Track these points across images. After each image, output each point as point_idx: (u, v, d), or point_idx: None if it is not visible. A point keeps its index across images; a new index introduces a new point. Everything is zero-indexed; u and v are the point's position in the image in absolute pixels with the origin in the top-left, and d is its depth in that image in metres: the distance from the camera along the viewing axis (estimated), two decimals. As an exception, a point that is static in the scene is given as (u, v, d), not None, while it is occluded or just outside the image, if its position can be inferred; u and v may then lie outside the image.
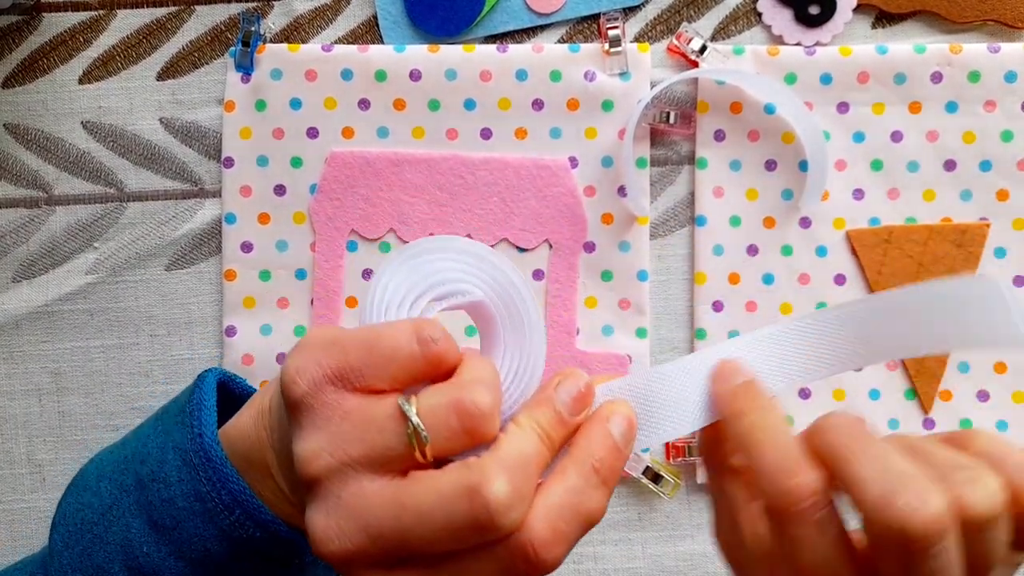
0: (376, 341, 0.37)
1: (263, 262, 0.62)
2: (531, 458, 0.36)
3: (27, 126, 0.62)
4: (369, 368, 0.36)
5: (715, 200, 0.61)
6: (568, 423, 0.38)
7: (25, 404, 0.63)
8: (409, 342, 0.36)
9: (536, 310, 0.39)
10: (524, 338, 0.39)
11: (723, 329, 0.62)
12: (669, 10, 0.61)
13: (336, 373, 0.36)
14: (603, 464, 0.37)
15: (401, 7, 0.61)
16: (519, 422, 0.37)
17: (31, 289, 0.62)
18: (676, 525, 0.62)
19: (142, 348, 0.62)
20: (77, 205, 0.62)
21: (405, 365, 0.36)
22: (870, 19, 0.61)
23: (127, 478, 0.44)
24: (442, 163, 0.61)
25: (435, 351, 0.36)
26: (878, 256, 0.61)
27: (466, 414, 0.35)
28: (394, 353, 0.36)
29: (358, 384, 0.36)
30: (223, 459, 0.42)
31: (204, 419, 0.44)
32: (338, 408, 0.36)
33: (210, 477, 0.42)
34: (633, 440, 0.38)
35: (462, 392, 0.36)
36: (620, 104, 0.61)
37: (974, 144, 0.61)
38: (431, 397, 0.36)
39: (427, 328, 0.37)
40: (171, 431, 0.44)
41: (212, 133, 0.62)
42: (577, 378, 0.38)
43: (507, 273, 0.39)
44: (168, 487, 0.43)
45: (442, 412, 0.35)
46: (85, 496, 0.45)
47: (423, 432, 0.35)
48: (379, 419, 0.36)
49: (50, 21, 0.62)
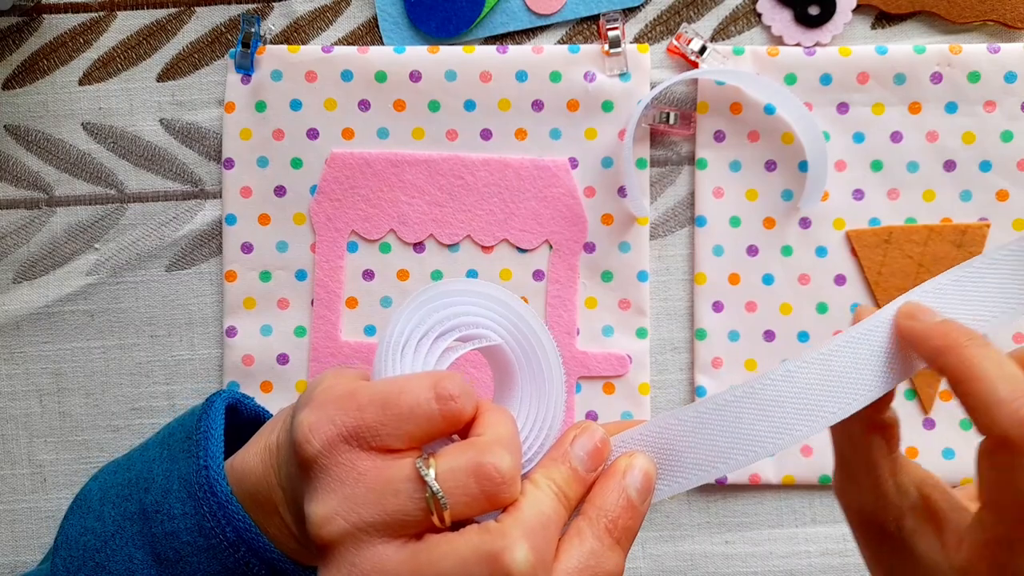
0: (393, 398, 0.35)
1: (263, 263, 0.62)
2: (550, 520, 0.35)
3: (28, 127, 0.62)
4: (385, 427, 0.35)
5: (715, 200, 0.61)
6: (584, 479, 0.37)
7: (26, 405, 0.63)
8: (428, 400, 0.35)
9: (556, 357, 0.38)
10: (543, 386, 0.38)
11: (723, 329, 0.62)
12: (669, 11, 0.61)
13: (351, 432, 0.35)
14: (617, 524, 0.36)
15: (401, 8, 0.61)
16: (536, 481, 0.36)
17: (32, 290, 0.62)
18: (676, 525, 0.62)
19: (142, 349, 0.62)
20: (78, 206, 0.62)
21: (422, 423, 0.35)
22: (870, 20, 0.61)
23: (131, 505, 0.43)
24: (442, 164, 0.61)
25: (454, 408, 0.35)
26: (878, 256, 0.61)
27: (487, 479, 0.34)
28: (412, 411, 0.35)
29: (374, 443, 0.35)
30: (228, 495, 0.41)
31: (211, 450, 0.42)
32: (352, 469, 0.35)
33: (214, 512, 0.41)
34: (651, 493, 0.37)
35: (483, 456, 0.35)
36: (620, 105, 0.61)
37: (974, 144, 0.61)
38: (450, 459, 0.35)
39: (446, 383, 0.36)
40: (177, 458, 0.43)
41: (212, 134, 0.62)
42: (592, 432, 0.38)
43: (526, 318, 0.38)
44: (172, 520, 0.42)
45: (462, 476, 0.34)
46: (88, 520, 0.44)
47: (442, 497, 0.34)
48: (395, 482, 0.35)
49: (50, 23, 0.62)
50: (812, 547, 0.62)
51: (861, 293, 0.61)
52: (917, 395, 0.62)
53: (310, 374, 0.62)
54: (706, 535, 0.62)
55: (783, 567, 0.62)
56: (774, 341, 0.62)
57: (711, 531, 0.62)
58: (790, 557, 0.62)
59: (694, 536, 0.62)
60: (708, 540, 0.62)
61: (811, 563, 0.62)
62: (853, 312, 0.38)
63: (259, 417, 0.48)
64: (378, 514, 0.34)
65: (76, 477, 0.62)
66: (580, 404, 0.62)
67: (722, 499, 0.62)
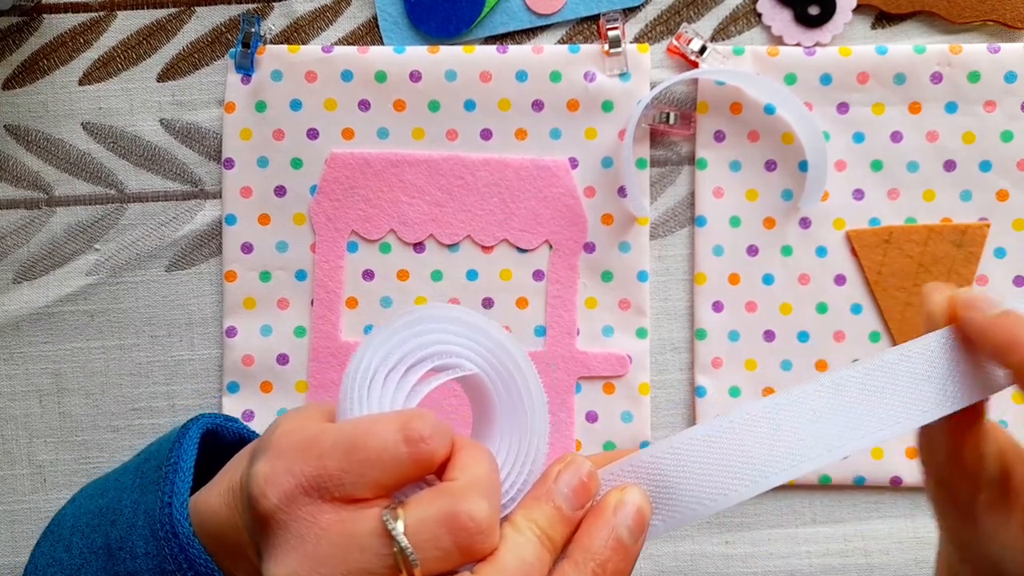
0: (357, 443, 0.32)
1: (263, 263, 0.62)
2: (532, 568, 0.32)
3: (27, 127, 0.62)
4: (349, 475, 0.32)
5: (715, 200, 0.61)
6: (570, 518, 0.34)
7: (25, 405, 0.63)
8: (395, 443, 0.32)
9: (537, 385, 0.35)
10: (524, 417, 0.35)
11: (723, 329, 0.62)
12: (669, 11, 0.61)
13: (311, 483, 0.32)
14: (607, 568, 0.33)
15: (401, 8, 0.61)
16: (516, 524, 0.33)
17: (32, 290, 0.62)
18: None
19: (142, 349, 0.62)
20: (77, 206, 0.62)
21: (390, 469, 0.32)
22: (870, 19, 0.61)
23: (98, 538, 0.41)
24: (442, 164, 0.61)
25: (424, 451, 0.32)
26: (878, 256, 0.61)
27: (461, 529, 0.31)
28: (378, 456, 0.32)
29: (337, 494, 0.32)
30: (190, 536, 0.38)
31: (177, 485, 0.39)
32: (314, 524, 0.32)
33: (175, 555, 0.38)
34: (644, 531, 0.34)
35: (457, 504, 0.32)
36: (620, 105, 0.61)
37: (974, 144, 0.61)
38: (420, 509, 0.32)
39: (415, 424, 0.32)
40: (147, 489, 0.41)
41: (212, 134, 0.62)
42: (578, 466, 0.35)
43: (505, 344, 0.35)
44: (135, 559, 0.39)
45: (433, 528, 0.31)
46: (58, 550, 0.42)
47: (411, 554, 0.31)
48: (360, 537, 0.32)
49: (50, 23, 0.62)
50: (812, 547, 0.62)
51: (861, 293, 0.61)
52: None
53: (310, 374, 0.62)
54: (706, 535, 0.62)
55: (783, 567, 0.62)
56: (774, 341, 0.62)
57: (711, 531, 0.62)
58: (790, 557, 0.62)
59: (694, 536, 0.62)
60: (708, 540, 0.62)
61: (811, 563, 0.62)
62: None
63: (242, 440, 0.46)
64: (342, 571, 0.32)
65: (76, 477, 0.62)
66: (580, 404, 0.62)
67: (722, 499, 0.62)
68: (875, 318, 0.61)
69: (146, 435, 0.62)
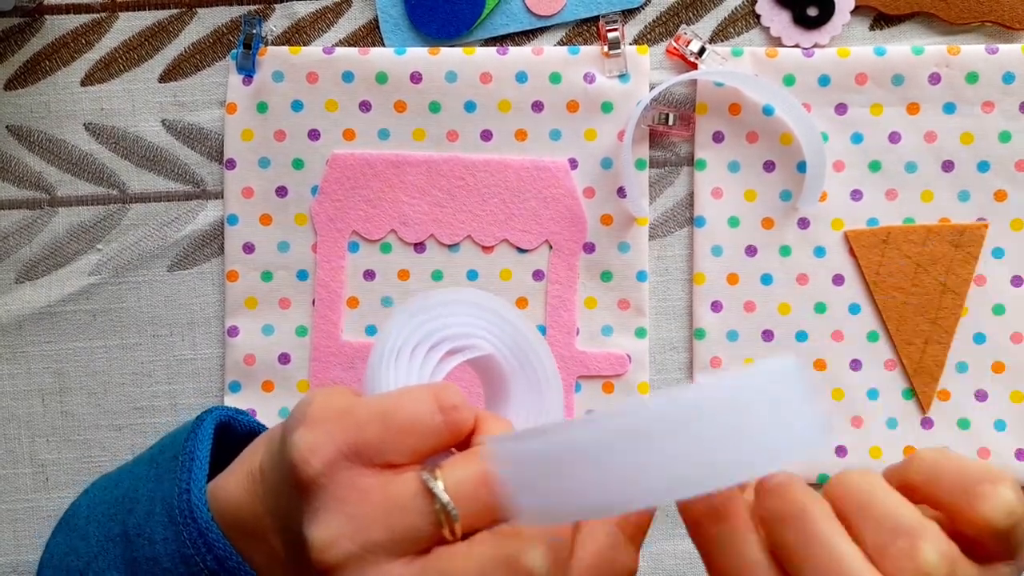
0: (394, 412, 0.34)
1: (265, 263, 0.62)
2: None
3: (30, 128, 0.62)
4: (387, 442, 0.34)
5: (714, 201, 0.62)
6: None
7: (28, 404, 0.63)
8: (431, 412, 0.34)
9: (552, 365, 0.37)
10: (540, 394, 0.37)
11: (722, 329, 0.62)
12: (668, 12, 0.62)
13: (352, 449, 0.34)
14: (629, 520, 0.35)
15: (402, 10, 0.61)
16: None
17: (34, 290, 0.62)
18: (676, 524, 0.62)
19: (145, 348, 0.63)
20: (80, 207, 0.62)
21: (427, 436, 0.34)
22: (868, 21, 0.62)
23: (115, 526, 0.42)
24: (443, 165, 0.61)
25: (457, 419, 0.34)
26: (876, 256, 0.61)
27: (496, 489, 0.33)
28: (414, 425, 0.34)
29: (377, 460, 0.34)
30: (208, 521, 0.39)
31: (195, 473, 0.41)
32: (355, 488, 0.34)
33: (195, 540, 0.39)
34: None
35: (488, 464, 0.33)
36: (619, 106, 0.61)
37: (972, 145, 0.61)
38: (457, 471, 0.34)
39: (447, 395, 0.34)
40: (163, 479, 0.42)
41: (214, 135, 0.62)
42: None
43: (518, 326, 0.37)
44: (153, 545, 0.40)
45: (471, 487, 0.33)
46: (73, 539, 0.43)
47: (453, 510, 0.33)
48: (402, 498, 0.33)
49: (52, 23, 0.62)
50: (811, 546, 0.62)
51: (859, 293, 0.62)
52: (915, 395, 0.62)
53: (311, 374, 0.62)
54: (705, 534, 0.62)
55: (782, 566, 0.62)
56: (772, 341, 0.62)
57: (710, 530, 0.62)
58: (789, 556, 0.62)
59: (693, 535, 0.62)
60: (707, 539, 0.62)
61: (810, 562, 0.62)
62: None
63: (254, 434, 0.47)
64: (387, 532, 0.33)
65: (78, 476, 0.63)
66: (579, 404, 0.62)
67: (721, 498, 0.63)
68: (873, 318, 0.62)
69: (148, 434, 0.63)
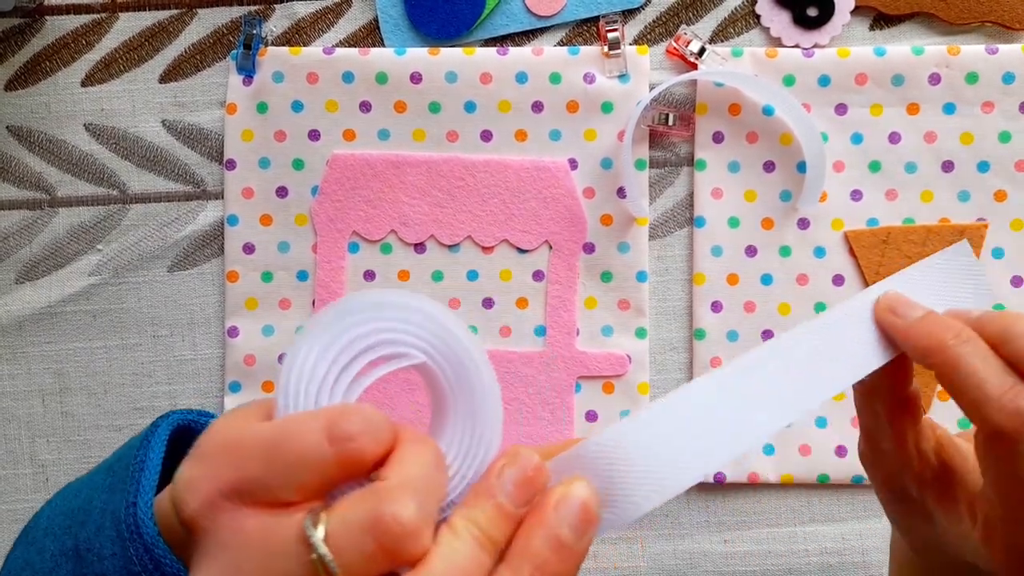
0: (279, 445, 0.30)
1: (265, 263, 0.62)
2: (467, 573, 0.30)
3: (30, 128, 0.62)
4: (272, 479, 0.30)
5: (714, 201, 0.62)
6: (514, 516, 0.31)
7: (28, 405, 0.63)
8: (319, 443, 0.30)
9: (488, 370, 0.33)
10: (475, 407, 0.33)
11: (722, 329, 0.62)
12: (668, 12, 0.62)
13: (233, 488, 0.30)
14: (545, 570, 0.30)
15: (402, 10, 0.61)
16: (453, 526, 0.31)
17: (34, 290, 0.62)
18: (676, 524, 0.63)
19: (145, 349, 0.63)
20: (80, 207, 0.62)
21: (315, 471, 0.30)
22: (868, 21, 0.62)
23: (68, 540, 0.40)
24: (443, 165, 0.61)
25: (351, 450, 0.30)
26: (876, 256, 0.61)
27: (385, 534, 0.29)
28: (301, 458, 0.30)
29: (261, 498, 0.30)
30: (155, 536, 0.36)
31: (143, 483, 0.38)
32: (237, 531, 0.30)
33: (141, 556, 0.36)
34: (591, 527, 0.32)
35: (381, 505, 0.29)
36: (619, 106, 0.61)
37: (972, 145, 0.61)
38: (345, 513, 0.30)
39: (341, 422, 0.30)
40: (115, 488, 0.39)
41: (214, 135, 0.62)
42: (523, 460, 0.32)
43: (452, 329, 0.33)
44: (101, 561, 0.38)
45: (356, 533, 0.29)
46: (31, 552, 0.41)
47: (330, 562, 0.29)
48: (282, 543, 0.30)
49: (52, 24, 0.62)
50: (811, 546, 0.62)
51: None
52: (915, 395, 0.62)
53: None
54: (705, 534, 0.62)
55: (782, 566, 0.62)
56: (773, 341, 0.62)
57: (710, 530, 0.62)
58: (789, 556, 0.62)
59: (693, 535, 0.63)
60: (707, 539, 0.62)
61: (810, 562, 0.62)
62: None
63: None
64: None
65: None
66: (580, 404, 0.62)
67: (721, 498, 0.63)
68: (873, 318, 0.62)
69: (148, 434, 0.63)
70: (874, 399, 0.39)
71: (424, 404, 0.59)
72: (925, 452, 0.39)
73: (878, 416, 0.39)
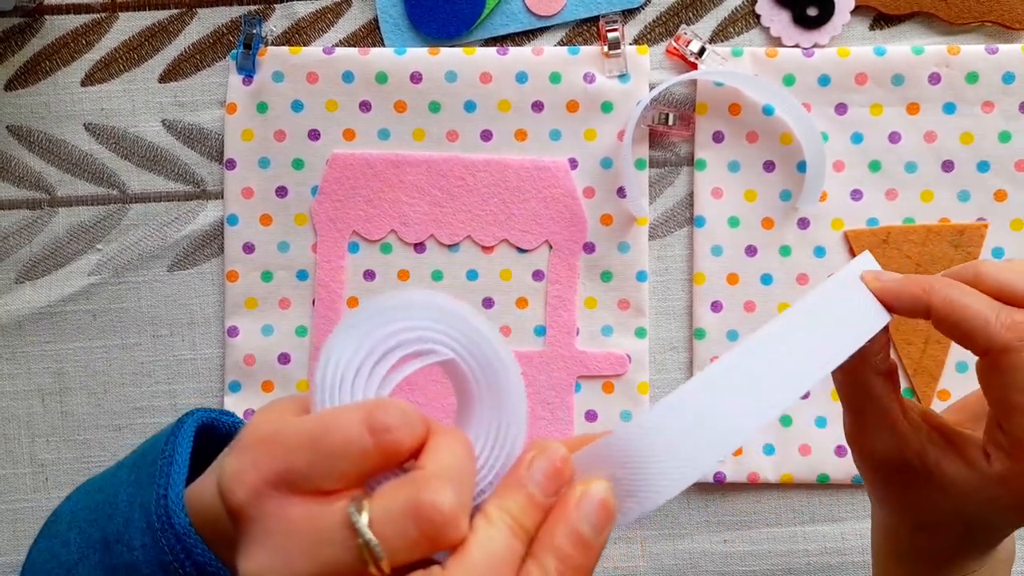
0: (321, 436, 0.32)
1: (265, 263, 0.62)
2: (502, 560, 0.32)
3: (30, 128, 0.62)
4: (315, 469, 0.32)
5: (714, 201, 0.62)
6: (544, 506, 0.33)
7: (28, 404, 0.63)
8: (360, 434, 0.32)
9: (514, 367, 0.35)
10: (502, 401, 0.35)
11: (722, 329, 0.62)
12: (668, 12, 0.62)
13: (278, 477, 0.32)
14: (568, 563, 0.32)
15: (402, 10, 0.61)
16: (488, 515, 0.33)
17: (34, 290, 0.62)
18: (676, 524, 0.63)
19: (144, 348, 0.63)
20: (80, 207, 0.62)
21: (356, 461, 0.32)
22: (868, 21, 0.62)
23: (95, 532, 0.41)
24: (443, 164, 0.61)
25: (389, 441, 0.32)
26: (876, 256, 0.61)
27: (426, 520, 0.31)
28: (343, 449, 0.32)
29: (305, 487, 0.32)
30: (186, 526, 0.38)
31: (173, 477, 0.39)
32: (283, 518, 0.32)
33: (173, 546, 0.38)
34: (610, 523, 0.34)
35: (421, 493, 0.31)
36: (619, 106, 0.61)
37: (972, 145, 0.61)
38: (387, 500, 0.31)
39: (379, 414, 0.32)
40: (143, 483, 0.41)
41: (214, 135, 0.62)
42: (551, 453, 0.34)
43: (478, 328, 0.34)
44: (132, 551, 0.39)
45: (399, 519, 0.31)
46: (55, 545, 0.42)
47: (376, 547, 0.31)
48: (328, 530, 0.31)
49: (52, 24, 0.62)
50: (811, 546, 0.62)
51: (859, 293, 0.62)
52: (915, 394, 0.62)
53: (311, 374, 0.62)
54: (705, 534, 0.63)
55: (782, 566, 0.62)
56: (773, 341, 0.62)
57: (710, 530, 0.62)
58: (789, 556, 0.62)
59: (693, 535, 0.63)
60: (707, 539, 0.62)
61: (810, 562, 0.62)
62: None
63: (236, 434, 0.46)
64: (312, 565, 0.31)
65: (78, 476, 0.63)
66: (579, 403, 0.62)
67: (721, 498, 0.63)
68: (873, 318, 0.62)
69: (148, 434, 0.62)
70: (863, 372, 0.41)
71: (424, 400, 0.59)
72: (915, 421, 0.42)
73: (870, 390, 0.42)
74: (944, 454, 0.41)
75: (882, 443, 0.42)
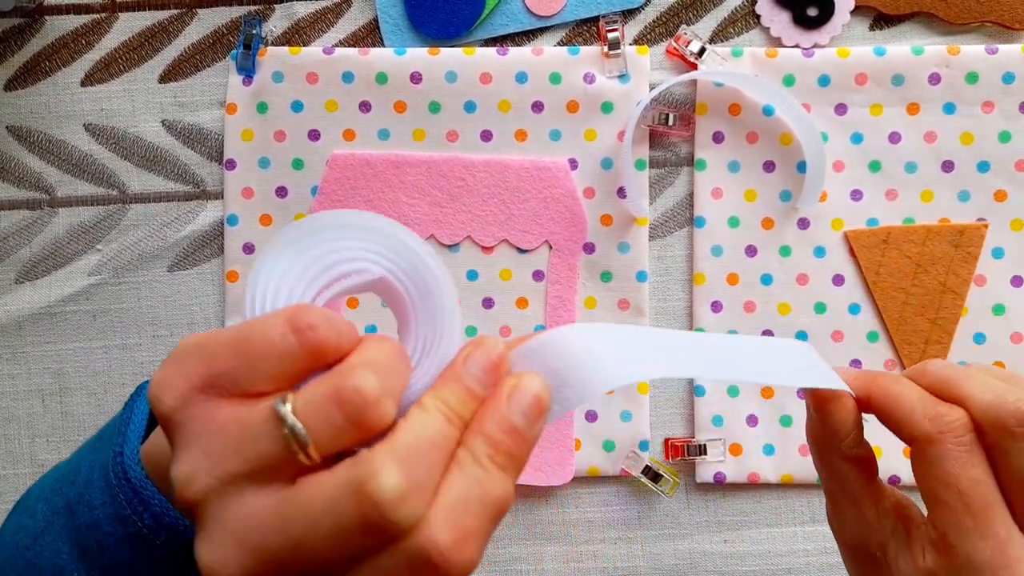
0: (245, 339, 0.32)
1: (265, 263, 0.62)
2: (432, 442, 0.32)
3: (30, 128, 0.62)
4: (241, 370, 0.32)
5: (714, 201, 0.62)
6: (480, 397, 0.34)
7: (28, 404, 0.63)
8: (283, 334, 0.32)
9: (446, 279, 0.35)
10: (435, 314, 0.35)
11: (722, 329, 0.62)
12: (668, 12, 0.62)
13: (205, 381, 0.32)
14: (499, 450, 0.33)
15: (402, 10, 0.61)
16: (423, 404, 0.33)
17: (34, 290, 0.62)
18: (675, 524, 0.63)
19: (144, 349, 0.63)
20: (80, 207, 0.62)
21: (283, 361, 0.32)
22: (868, 21, 0.62)
23: (59, 499, 0.41)
24: (443, 165, 0.61)
25: (313, 339, 0.32)
26: (876, 256, 0.61)
27: (348, 403, 0.31)
28: (267, 349, 0.32)
29: (233, 390, 0.32)
30: (142, 479, 0.39)
31: (129, 435, 0.40)
32: (211, 420, 0.32)
33: (130, 499, 0.39)
34: (542, 416, 0.34)
35: (342, 379, 0.31)
36: (619, 106, 0.61)
37: (972, 145, 0.61)
38: (310, 391, 0.32)
39: (302, 315, 0.32)
40: (102, 448, 0.41)
41: (214, 135, 0.62)
42: (488, 347, 0.34)
43: (409, 243, 0.35)
44: (92, 510, 0.39)
45: (321, 404, 0.31)
46: (23, 518, 0.42)
47: (301, 432, 0.31)
48: (255, 425, 0.32)
49: (52, 24, 0.62)
50: (811, 546, 0.62)
51: (859, 293, 0.62)
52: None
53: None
54: (705, 534, 0.63)
55: (782, 566, 0.62)
56: (773, 341, 0.62)
57: (710, 530, 0.62)
58: (789, 556, 0.62)
59: (693, 535, 0.63)
60: (707, 539, 0.62)
61: (809, 562, 0.62)
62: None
63: None
64: (241, 463, 0.31)
65: (78, 476, 0.63)
66: (580, 404, 0.62)
67: (721, 498, 0.63)
68: (873, 318, 0.62)
69: (148, 434, 0.63)
70: (831, 456, 0.42)
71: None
72: (884, 511, 0.42)
73: (839, 475, 0.42)
74: (901, 548, 0.41)
75: (849, 529, 0.43)
